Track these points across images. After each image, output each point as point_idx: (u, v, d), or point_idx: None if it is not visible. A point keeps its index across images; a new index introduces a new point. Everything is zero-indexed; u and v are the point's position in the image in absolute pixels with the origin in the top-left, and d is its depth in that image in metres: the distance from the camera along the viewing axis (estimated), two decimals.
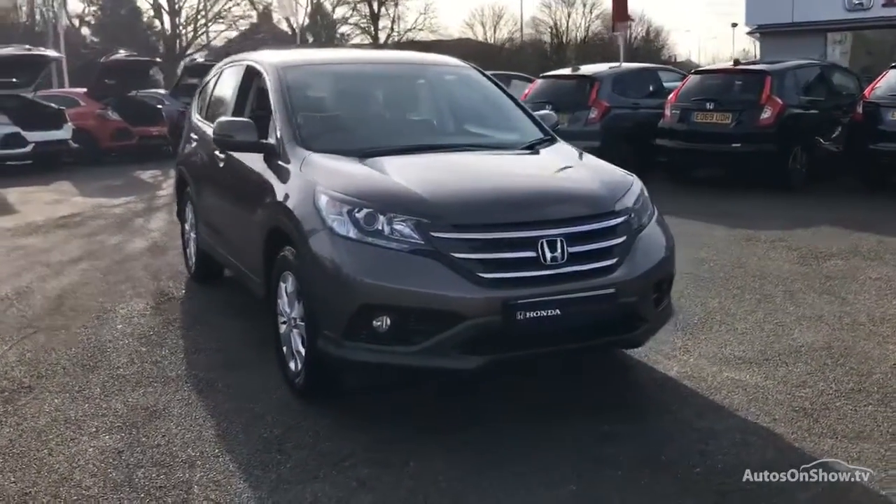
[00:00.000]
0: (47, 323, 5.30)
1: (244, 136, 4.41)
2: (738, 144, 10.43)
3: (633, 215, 3.92)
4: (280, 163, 4.23)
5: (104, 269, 6.86)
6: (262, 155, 4.44)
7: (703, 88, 11.13)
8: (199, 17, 44.84)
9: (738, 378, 4.22)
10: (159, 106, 18.65)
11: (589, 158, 4.52)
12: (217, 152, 5.13)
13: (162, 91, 20.76)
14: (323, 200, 3.68)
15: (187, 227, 6.36)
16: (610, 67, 13.17)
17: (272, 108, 4.53)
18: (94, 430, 3.66)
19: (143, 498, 3.06)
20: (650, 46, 52.30)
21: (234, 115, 5.09)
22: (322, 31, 46.62)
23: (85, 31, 42.85)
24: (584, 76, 12.53)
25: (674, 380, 4.22)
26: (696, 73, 11.91)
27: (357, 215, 3.56)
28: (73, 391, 4.12)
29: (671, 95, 11.44)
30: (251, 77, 5.12)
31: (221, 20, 45.47)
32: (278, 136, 4.35)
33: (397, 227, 3.53)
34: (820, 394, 4.01)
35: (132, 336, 4.98)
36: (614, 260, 3.71)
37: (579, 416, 3.76)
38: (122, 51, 21.26)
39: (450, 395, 4.02)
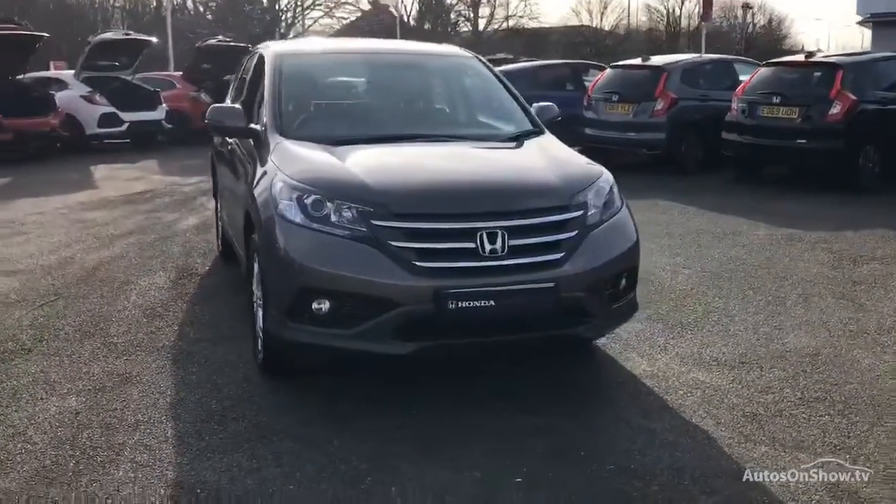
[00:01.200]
0: (72, 291, 5.70)
1: (233, 122, 4.62)
2: (804, 141, 9.99)
3: (589, 210, 3.90)
4: (261, 149, 4.41)
5: (146, 244, 7.27)
6: (252, 141, 4.64)
7: (771, 81, 10.72)
8: (297, 3, 45.84)
9: (702, 380, 4.14)
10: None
11: (562, 152, 4.49)
12: (227, 137, 5.38)
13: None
14: (277, 187, 3.83)
15: (218, 207, 6.68)
16: (685, 59, 12.84)
17: (264, 94, 4.72)
18: (65, 391, 3.95)
19: (77, 456, 3.30)
20: (771, 35, 50.38)
21: (243, 101, 5.32)
22: (431, 18, 46.94)
23: (209, 16, 44.52)
24: (652, 66, 12.28)
25: (636, 378, 4.18)
26: (766, 65, 11.43)
27: (305, 201, 3.70)
28: (64, 355, 4.44)
29: (738, 89, 11.04)
30: (261, 65, 5.32)
31: (318, 6, 46.28)
32: (263, 122, 4.54)
33: (344, 214, 3.65)
34: (780, 400, 3.90)
35: (139, 307, 5.30)
36: (561, 254, 3.71)
37: (523, 409, 3.77)
38: (220, 36, 22.19)
39: (406, 381, 4.10)
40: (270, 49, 5.22)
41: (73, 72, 16.86)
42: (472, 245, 3.58)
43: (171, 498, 3.01)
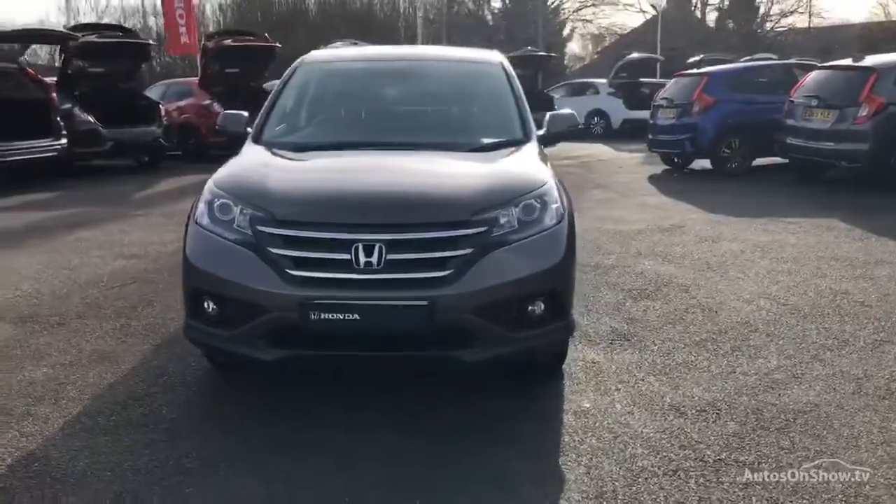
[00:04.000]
0: (144, 277, 6.36)
1: (233, 128, 4.87)
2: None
3: (499, 228, 3.62)
4: (234, 155, 4.60)
5: None
6: None
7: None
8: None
9: (625, 423, 3.67)
10: None
11: (515, 165, 4.17)
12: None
13: None
14: (204, 190, 4.02)
15: None
16: None
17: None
18: (46, 363, 4.43)
19: None
20: None
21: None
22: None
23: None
24: (860, 67, 10.81)
25: (556, 414, 3.79)
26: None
27: (215, 205, 3.83)
28: (74, 331, 4.98)
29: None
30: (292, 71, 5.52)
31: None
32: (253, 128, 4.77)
33: (241, 219, 3.74)
34: (663, 454, 3.35)
35: (169, 295, 5.70)
36: (446, 272, 3.49)
37: (398, 431, 3.62)
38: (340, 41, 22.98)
39: (339, 387, 4.11)
40: (304, 57, 5.43)
41: None
42: (346, 256, 3.49)
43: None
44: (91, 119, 12.91)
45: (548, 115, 4.92)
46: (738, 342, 4.76)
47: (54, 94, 12.15)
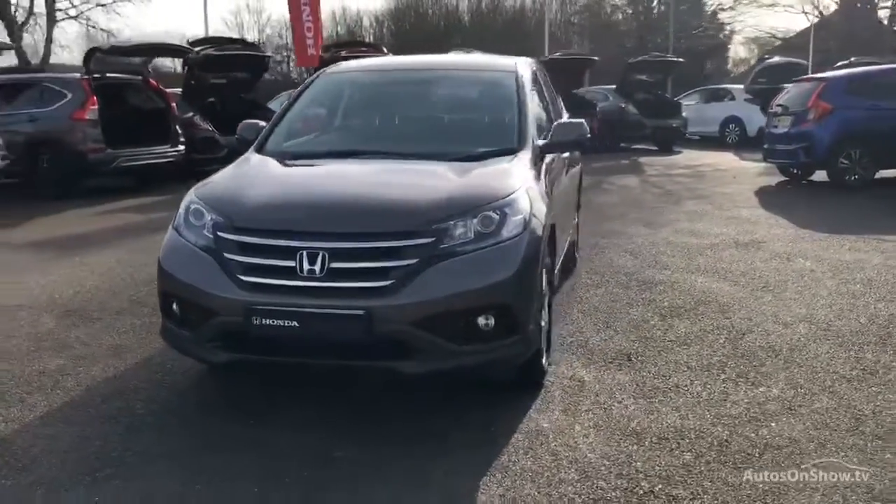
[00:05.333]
0: None
1: (247, 135, 5.05)
2: None
3: (450, 239, 3.56)
4: None
5: None
6: None
7: None
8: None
9: (573, 447, 3.50)
10: (599, 104, 19.65)
11: (486, 177, 4.04)
12: None
13: (609, 87, 21.68)
14: (185, 196, 4.19)
15: None
16: None
17: None
18: (64, 355, 4.73)
19: None
20: None
21: None
22: None
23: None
24: None
25: (507, 432, 3.67)
26: None
27: (190, 211, 3.99)
28: (106, 326, 5.31)
29: None
30: None
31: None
32: None
33: (209, 224, 3.87)
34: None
35: None
36: (388, 282, 3.48)
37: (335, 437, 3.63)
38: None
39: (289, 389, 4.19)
40: (328, 67, 5.56)
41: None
42: (291, 264, 3.55)
43: None
44: (210, 127, 13.70)
45: (555, 123, 4.79)
46: (748, 368, 4.44)
47: (174, 104, 13.00)
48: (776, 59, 23.32)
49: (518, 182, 3.97)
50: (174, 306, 3.87)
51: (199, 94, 14.29)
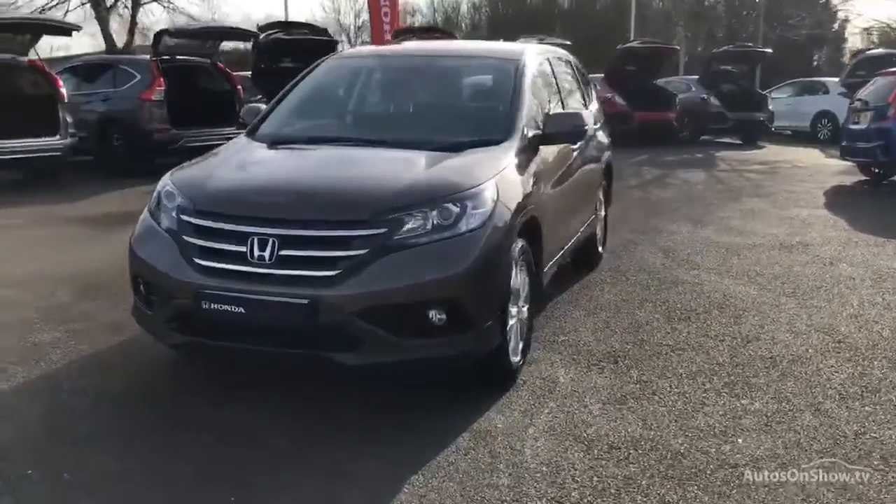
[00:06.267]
0: None
1: (248, 119, 5.08)
2: None
3: (401, 231, 3.48)
4: None
5: None
6: None
7: None
8: None
9: (517, 450, 3.37)
10: (680, 94, 19.06)
11: (456, 165, 3.93)
12: None
13: (692, 78, 20.99)
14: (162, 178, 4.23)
15: None
16: None
17: None
18: (63, 329, 4.87)
19: None
20: None
21: None
22: None
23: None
24: None
25: (454, 429, 3.55)
26: None
27: (162, 193, 4.03)
28: (116, 303, 5.34)
29: None
30: None
31: None
32: None
33: (177, 207, 3.90)
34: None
35: None
36: (335, 272, 3.43)
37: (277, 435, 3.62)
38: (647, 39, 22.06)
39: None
40: (339, 53, 5.54)
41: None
42: (242, 249, 3.53)
43: None
44: None
45: (553, 114, 4.62)
46: (737, 378, 4.19)
47: (240, 87, 13.26)
48: (877, 50, 21.96)
49: (487, 174, 3.84)
50: (141, 287, 3.92)
51: (268, 78, 14.51)
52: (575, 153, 5.29)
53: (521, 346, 4.14)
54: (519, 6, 42.53)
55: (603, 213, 6.77)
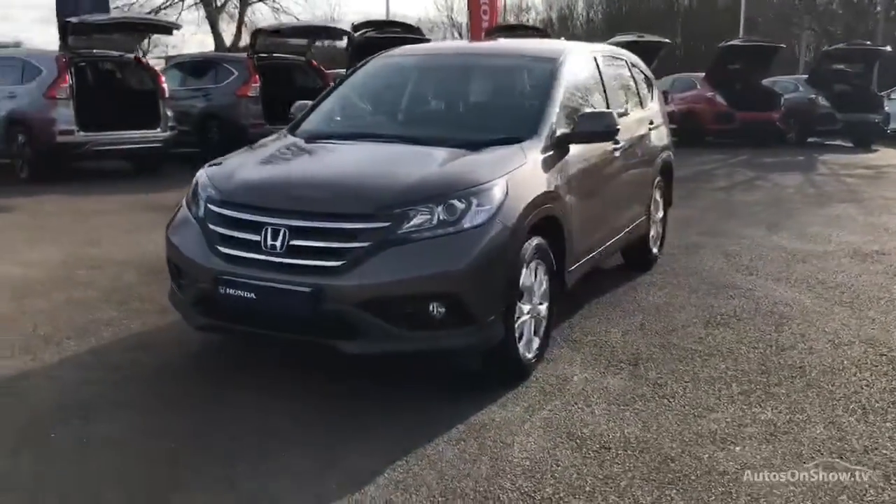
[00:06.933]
0: None
1: (297, 115, 5.29)
2: None
3: (406, 225, 3.60)
4: None
5: None
6: None
7: None
8: None
9: (507, 444, 3.43)
10: (787, 94, 18.36)
11: (469, 162, 4.01)
12: None
13: (801, 77, 20.14)
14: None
15: None
16: None
17: None
18: (122, 308, 5.23)
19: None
20: None
21: None
22: None
23: None
24: None
25: (451, 421, 3.64)
26: None
27: (198, 183, 4.29)
28: (144, 282, 5.78)
29: None
30: None
31: None
32: None
33: (206, 197, 4.14)
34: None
35: None
36: (339, 262, 3.58)
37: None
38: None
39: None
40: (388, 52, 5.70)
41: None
42: (257, 238, 3.73)
43: None
44: None
45: (582, 112, 4.62)
46: (758, 386, 4.09)
47: (332, 83, 13.66)
48: None
49: (498, 171, 3.90)
50: (174, 271, 4.19)
51: None
52: (617, 153, 5.26)
53: (536, 343, 4.18)
54: (636, 3, 41.71)
55: (660, 214, 6.66)
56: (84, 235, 7.63)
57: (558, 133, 4.47)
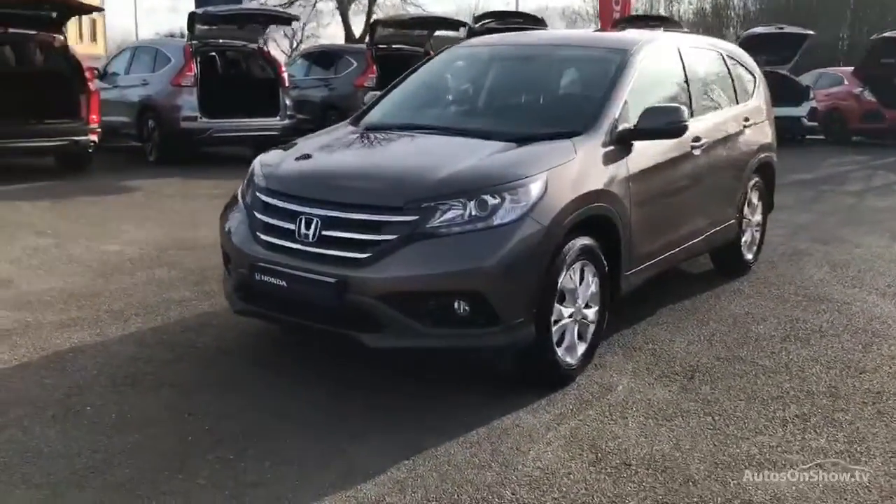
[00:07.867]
0: None
1: (368, 103, 5.29)
2: None
3: (435, 220, 3.53)
4: None
5: None
6: None
7: None
8: None
9: (522, 451, 3.30)
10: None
11: (509, 156, 3.88)
12: None
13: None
14: None
15: None
16: None
17: None
18: (198, 288, 5.44)
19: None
20: None
21: None
22: None
23: None
24: None
25: (473, 424, 3.54)
26: None
27: (252, 172, 4.36)
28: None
29: None
30: None
31: None
32: None
33: (255, 185, 4.21)
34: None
35: None
36: (366, 255, 3.56)
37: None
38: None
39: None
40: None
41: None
42: (292, 227, 3.76)
43: None
44: None
45: (646, 108, 4.37)
46: (820, 410, 3.75)
47: None
48: None
49: (539, 167, 3.75)
50: (225, 257, 4.29)
51: None
52: (697, 151, 4.95)
53: (581, 348, 4.01)
54: None
55: (757, 217, 6.23)
56: (187, 217, 8.00)
57: (620, 128, 4.24)
